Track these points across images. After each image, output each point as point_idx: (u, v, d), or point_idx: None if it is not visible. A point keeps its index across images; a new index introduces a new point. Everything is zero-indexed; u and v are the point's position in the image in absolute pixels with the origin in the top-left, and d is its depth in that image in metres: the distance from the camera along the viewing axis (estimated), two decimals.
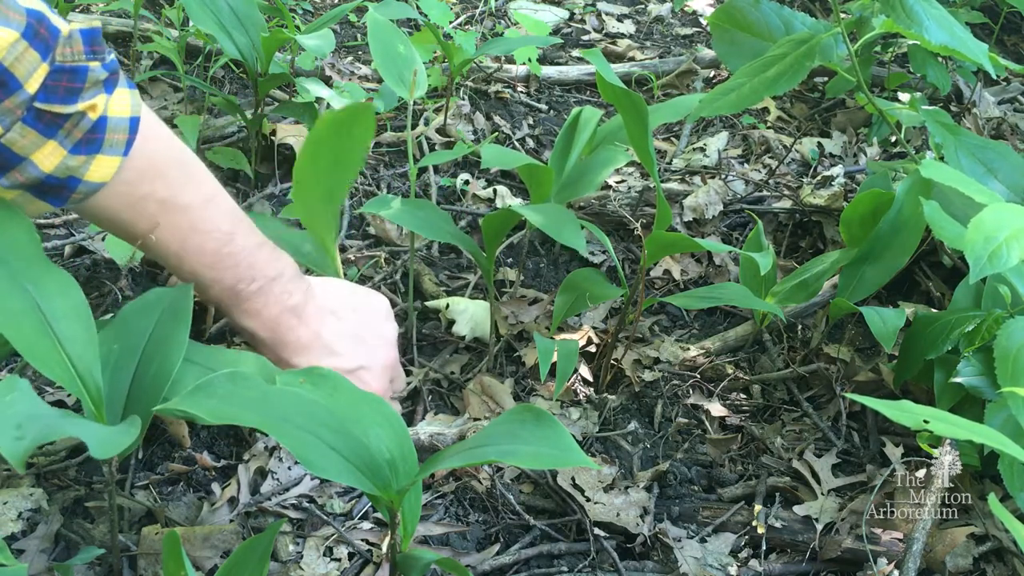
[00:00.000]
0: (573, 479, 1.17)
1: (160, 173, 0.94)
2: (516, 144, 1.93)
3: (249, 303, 1.03)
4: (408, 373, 1.34)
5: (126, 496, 1.10)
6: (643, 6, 2.70)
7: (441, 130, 1.89)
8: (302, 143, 1.13)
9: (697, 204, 1.74)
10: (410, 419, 1.27)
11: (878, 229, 1.33)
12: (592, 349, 1.40)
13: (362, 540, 1.10)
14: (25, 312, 0.85)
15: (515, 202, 1.74)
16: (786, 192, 1.81)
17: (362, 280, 1.51)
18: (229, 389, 0.79)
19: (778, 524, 1.15)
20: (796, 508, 1.18)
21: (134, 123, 0.89)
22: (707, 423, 1.32)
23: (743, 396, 1.39)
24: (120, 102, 0.88)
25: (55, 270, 0.88)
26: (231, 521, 1.09)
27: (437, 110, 1.93)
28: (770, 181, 1.85)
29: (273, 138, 1.71)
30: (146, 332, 0.95)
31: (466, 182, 1.76)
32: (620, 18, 2.61)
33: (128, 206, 0.92)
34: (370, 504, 1.13)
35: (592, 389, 1.35)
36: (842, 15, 1.41)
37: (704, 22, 2.58)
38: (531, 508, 1.17)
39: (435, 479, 1.19)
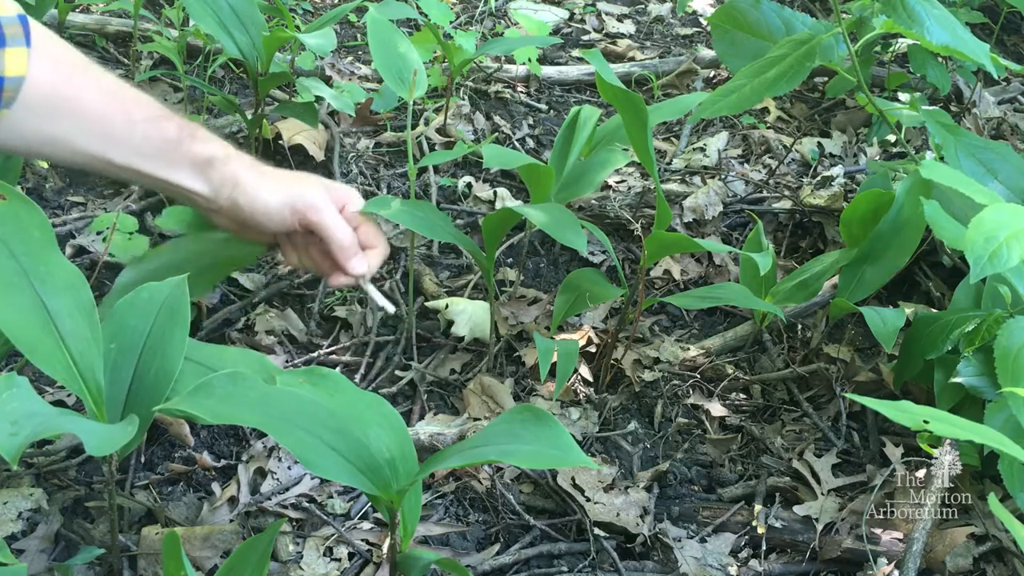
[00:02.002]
0: (573, 479, 1.17)
1: (75, 53, 1.01)
2: (516, 144, 1.93)
3: (206, 128, 1.08)
4: (407, 368, 1.34)
5: (126, 496, 1.10)
6: (643, 6, 2.70)
7: (441, 130, 1.89)
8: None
9: (697, 205, 1.74)
10: (409, 419, 1.27)
11: (878, 229, 1.33)
12: (592, 349, 1.40)
13: (362, 540, 1.10)
14: (29, 309, 0.85)
15: (515, 203, 1.74)
16: (786, 192, 1.81)
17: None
18: (229, 389, 0.79)
19: (778, 524, 1.15)
20: (796, 508, 1.18)
21: (23, 18, 0.94)
22: (707, 423, 1.32)
23: (743, 396, 1.39)
24: (3, 5, 0.93)
25: (64, 266, 0.89)
26: (231, 521, 1.09)
27: (437, 110, 1.93)
28: (770, 181, 1.85)
29: (280, 142, 1.72)
30: (144, 331, 0.95)
31: (468, 185, 1.76)
32: (620, 18, 2.61)
33: (69, 79, 0.97)
34: (370, 504, 1.13)
35: (592, 389, 1.35)
36: (842, 15, 1.41)
37: (704, 22, 2.58)
38: (531, 508, 1.17)
39: (435, 479, 1.19)
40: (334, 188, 1.13)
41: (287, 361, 1.33)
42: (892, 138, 1.96)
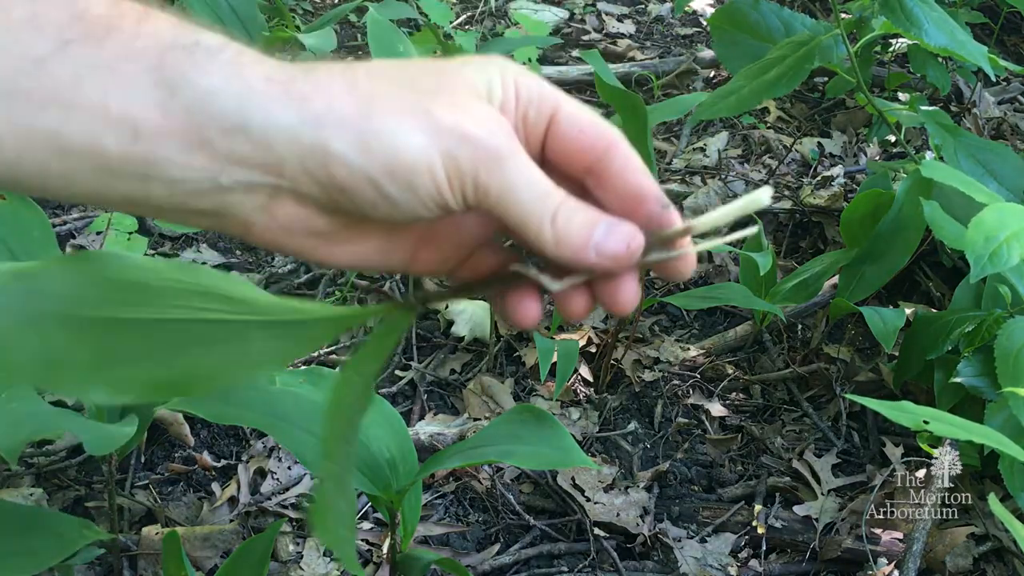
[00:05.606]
0: (573, 479, 1.17)
1: None
2: None
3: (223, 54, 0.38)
4: (407, 368, 1.34)
5: (126, 496, 1.10)
6: (643, 6, 2.70)
7: None
8: None
9: (697, 205, 1.74)
10: (409, 419, 1.27)
11: (878, 229, 1.33)
12: (592, 349, 1.40)
13: (362, 540, 1.10)
14: None
15: None
16: (786, 192, 1.81)
17: (360, 278, 1.51)
18: (229, 388, 0.79)
19: (778, 524, 1.15)
20: (796, 508, 1.18)
21: None
22: (707, 423, 1.32)
23: (743, 396, 1.39)
24: None
25: None
26: (231, 521, 1.09)
27: None
28: (770, 181, 1.85)
29: None
30: None
31: None
32: (620, 18, 2.61)
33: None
34: (370, 504, 1.13)
35: (592, 389, 1.35)
36: (842, 16, 1.41)
37: (704, 22, 2.58)
38: (531, 508, 1.17)
39: (435, 479, 1.19)
40: (510, 76, 0.40)
41: None
42: (892, 138, 1.96)
